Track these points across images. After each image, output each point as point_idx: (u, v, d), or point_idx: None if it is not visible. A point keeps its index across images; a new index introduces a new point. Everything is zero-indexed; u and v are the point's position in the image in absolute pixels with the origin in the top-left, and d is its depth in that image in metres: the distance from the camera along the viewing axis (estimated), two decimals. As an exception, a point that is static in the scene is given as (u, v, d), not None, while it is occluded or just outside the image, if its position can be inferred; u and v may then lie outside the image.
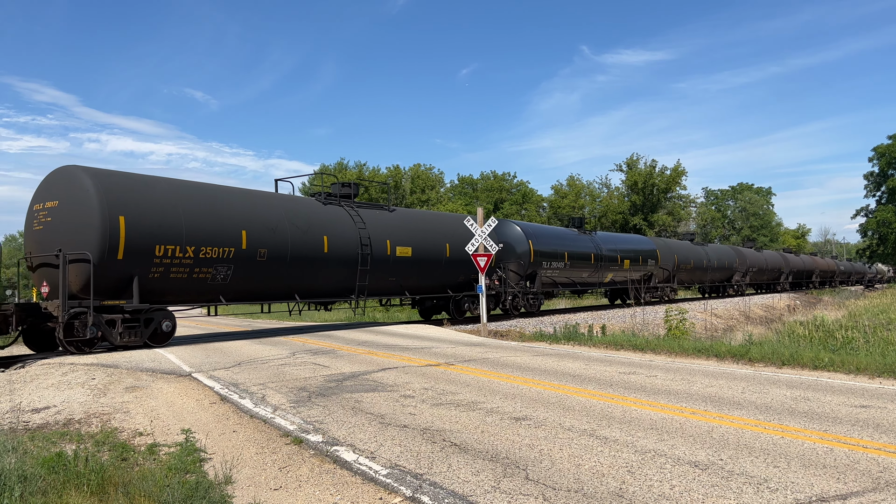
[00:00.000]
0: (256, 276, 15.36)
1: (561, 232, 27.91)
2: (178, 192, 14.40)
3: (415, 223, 20.50)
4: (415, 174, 59.36)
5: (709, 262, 38.98)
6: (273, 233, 15.50)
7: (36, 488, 4.84)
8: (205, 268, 14.30)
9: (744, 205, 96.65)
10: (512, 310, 23.38)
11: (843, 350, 12.99)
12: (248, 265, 15.07)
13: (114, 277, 12.86)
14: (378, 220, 18.69)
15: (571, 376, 9.50)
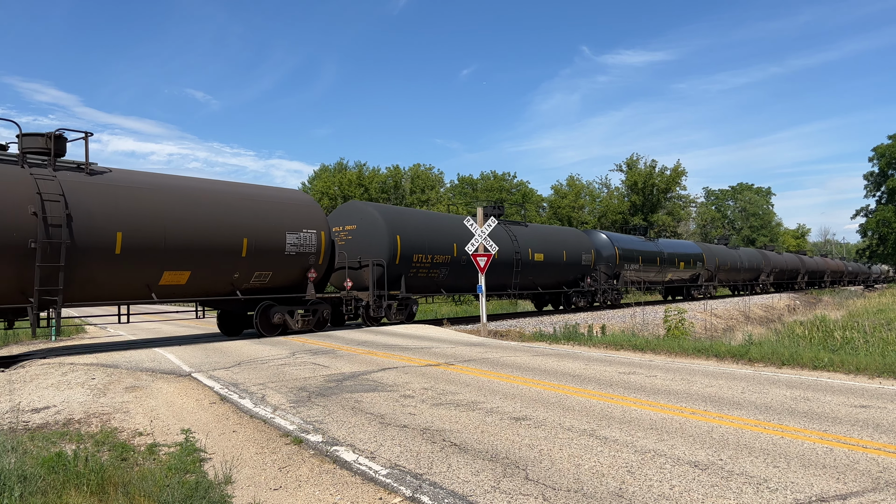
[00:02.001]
0: (460, 275, 21.61)
1: (633, 238, 33.29)
2: (421, 218, 21.72)
3: (542, 235, 26.21)
4: (414, 174, 59.36)
5: (741, 263, 44.53)
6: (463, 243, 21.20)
7: (36, 488, 4.84)
8: (434, 269, 20.68)
9: (744, 205, 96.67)
10: (602, 303, 28.85)
11: (843, 350, 12.99)
12: (457, 268, 21.29)
13: (393, 276, 19.14)
14: (521, 234, 24.57)
15: (571, 376, 9.50)
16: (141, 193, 13.58)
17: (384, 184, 55.87)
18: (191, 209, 14.24)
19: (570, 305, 27.60)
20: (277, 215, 15.94)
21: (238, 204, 15.29)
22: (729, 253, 43.76)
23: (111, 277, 13.07)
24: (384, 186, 55.69)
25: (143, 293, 13.79)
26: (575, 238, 27.74)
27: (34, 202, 11.79)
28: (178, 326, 22.91)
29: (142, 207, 13.40)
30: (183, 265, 14.00)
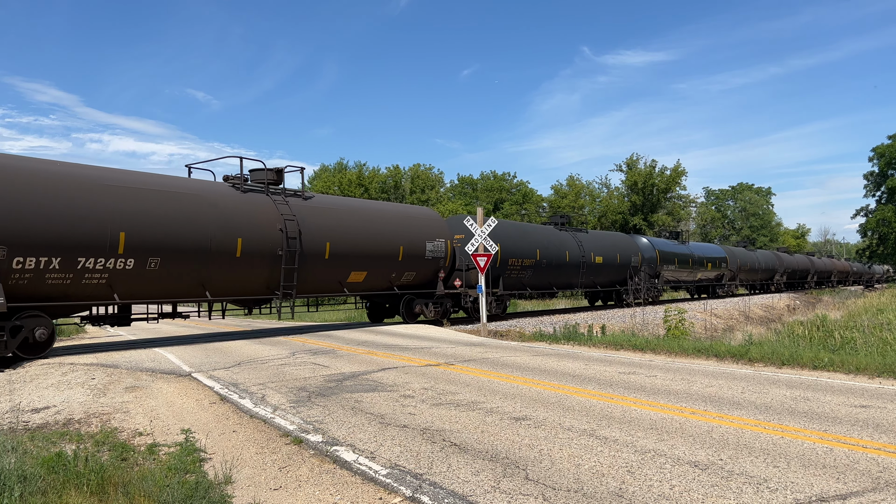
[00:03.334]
0: (542, 276, 24.89)
1: (669, 242, 36.79)
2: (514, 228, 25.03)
3: (600, 239, 29.76)
4: (414, 174, 59.38)
5: (759, 264, 48.10)
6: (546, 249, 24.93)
7: (36, 488, 4.84)
8: (522, 271, 23.70)
9: (744, 205, 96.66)
10: (644, 300, 31.62)
11: (843, 350, 12.99)
12: (539, 269, 24.51)
13: (493, 277, 21.91)
14: (585, 239, 28.18)
15: (571, 376, 9.50)
16: (337, 213, 17.69)
17: (384, 184, 55.87)
18: (368, 225, 18.32)
19: (620, 301, 31.27)
20: (419, 228, 19.95)
21: (396, 220, 19.42)
22: (749, 255, 47.36)
23: (321, 276, 16.94)
24: (384, 186, 55.69)
25: (337, 288, 17.82)
26: (625, 242, 31.58)
27: (279, 221, 15.61)
28: (179, 326, 22.91)
29: (339, 224, 17.37)
30: (363, 267, 18.04)
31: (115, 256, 12.67)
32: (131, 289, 13.28)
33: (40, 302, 12.14)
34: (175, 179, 14.72)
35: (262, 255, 15.15)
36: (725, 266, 41.61)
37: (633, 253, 31.07)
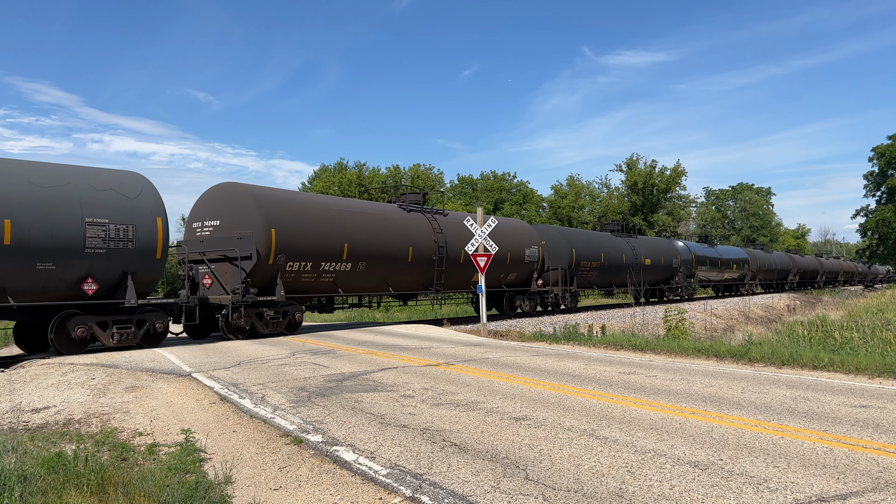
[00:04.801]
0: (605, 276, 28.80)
1: (700, 245, 41.57)
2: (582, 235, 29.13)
3: (647, 244, 33.91)
4: (414, 174, 59.39)
5: (775, 265, 52.47)
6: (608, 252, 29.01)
7: (36, 488, 4.84)
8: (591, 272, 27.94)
9: (744, 205, 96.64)
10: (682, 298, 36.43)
11: (843, 350, 12.99)
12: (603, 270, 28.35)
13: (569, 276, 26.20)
14: (636, 244, 32.40)
15: (571, 376, 9.50)
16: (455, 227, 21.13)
17: (384, 184, 55.85)
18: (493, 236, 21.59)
19: (662, 298, 35.53)
20: (520, 237, 24.08)
21: (504, 231, 22.54)
22: (767, 256, 51.88)
23: (456, 276, 21.17)
24: (384, 186, 55.68)
25: (465, 285, 22.25)
26: (666, 245, 36.09)
27: (432, 234, 20.18)
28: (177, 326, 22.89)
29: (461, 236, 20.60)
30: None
31: (341, 261, 17.10)
32: (347, 285, 17.82)
33: (296, 294, 16.64)
34: (371, 204, 20.10)
35: (423, 259, 19.73)
36: (747, 267, 45.92)
37: (673, 255, 35.53)
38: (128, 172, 13.94)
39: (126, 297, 12.78)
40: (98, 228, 12.32)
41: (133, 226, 12.81)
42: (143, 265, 13.04)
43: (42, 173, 12.25)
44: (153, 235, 13.15)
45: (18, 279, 11.57)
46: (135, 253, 12.85)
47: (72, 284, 12.24)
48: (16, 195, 11.51)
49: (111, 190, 12.80)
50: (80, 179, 12.61)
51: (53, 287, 12.07)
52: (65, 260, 11.98)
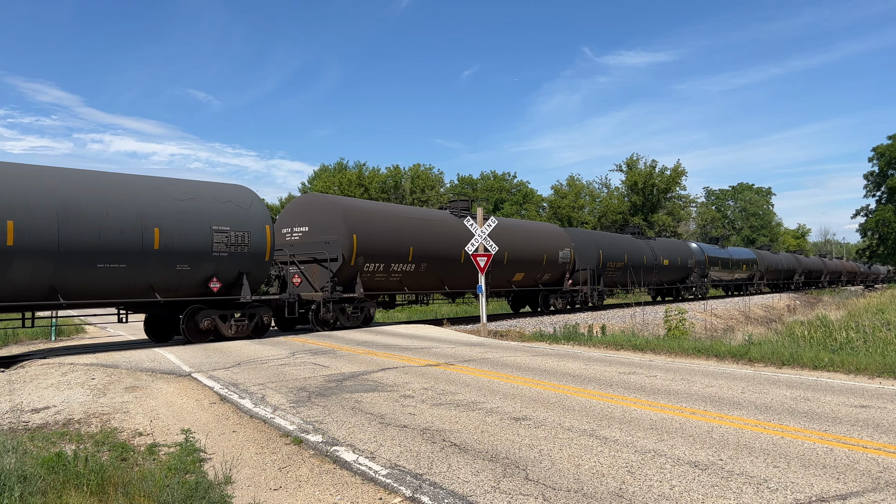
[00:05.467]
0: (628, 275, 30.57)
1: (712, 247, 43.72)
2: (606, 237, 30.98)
3: (665, 245, 36.36)
4: (414, 174, 59.33)
5: (782, 265, 54.81)
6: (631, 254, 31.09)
7: (36, 488, 4.83)
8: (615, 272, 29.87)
9: (744, 205, 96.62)
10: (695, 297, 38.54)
11: (843, 350, 12.98)
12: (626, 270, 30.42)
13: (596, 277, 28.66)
14: (654, 245, 34.62)
15: (571, 376, 9.50)
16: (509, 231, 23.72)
17: (384, 184, 55.85)
18: (526, 239, 24.77)
19: (678, 297, 37.67)
20: (553, 240, 26.32)
21: (540, 235, 25.77)
22: (774, 257, 54.37)
23: (500, 276, 23.29)
24: (384, 186, 55.68)
25: (507, 284, 24.31)
26: (682, 246, 38.65)
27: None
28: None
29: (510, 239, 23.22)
30: (523, 270, 24.33)
31: (407, 263, 19.07)
32: (411, 283, 19.88)
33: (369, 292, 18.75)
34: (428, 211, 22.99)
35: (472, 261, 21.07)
36: (756, 267, 48.19)
37: (688, 256, 37.71)
38: (240, 186, 16.05)
39: (241, 293, 14.86)
40: (222, 235, 14.40)
41: (248, 232, 14.89)
42: (255, 266, 15.11)
43: (176, 188, 14.34)
44: (263, 240, 15.26)
45: (163, 278, 13.55)
46: (249, 255, 14.91)
47: (200, 283, 14.29)
48: (161, 207, 13.51)
49: (230, 202, 14.92)
50: (205, 193, 14.74)
51: (186, 285, 14.08)
52: (197, 262, 14.00)
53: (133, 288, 13.20)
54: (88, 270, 12.37)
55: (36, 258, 11.70)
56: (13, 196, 11.56)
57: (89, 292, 12.69)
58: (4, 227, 11.31)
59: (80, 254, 12.19)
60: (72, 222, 12.12)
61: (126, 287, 13.06)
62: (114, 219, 12.69)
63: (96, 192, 12.79)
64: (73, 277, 12.26)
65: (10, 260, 11.42)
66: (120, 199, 13.00)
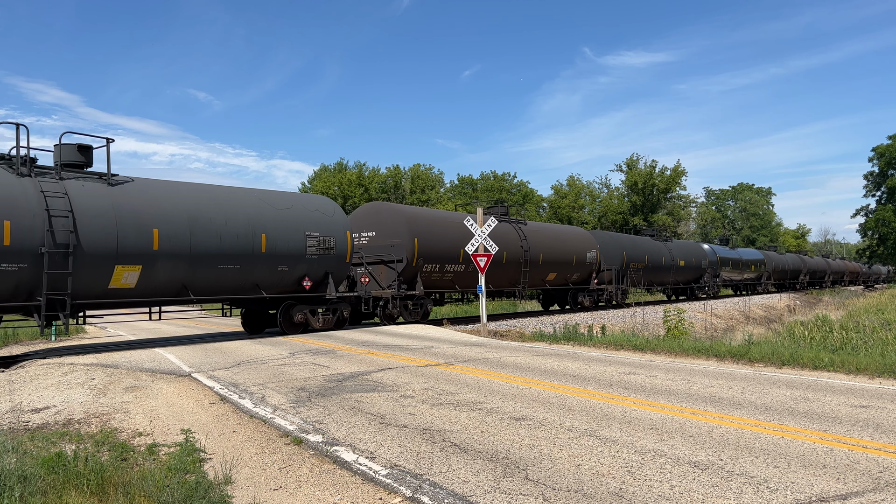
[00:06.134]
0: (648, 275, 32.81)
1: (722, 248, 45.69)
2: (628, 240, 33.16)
3: (681, 246, 38.84)
4: (414, 174, 59.36)
5: (788, 265, 56.76)
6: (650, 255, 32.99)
7: (36, 488, 4.84)
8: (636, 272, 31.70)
9: (744, 205, 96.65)
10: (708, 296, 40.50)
11: (843, 350, 12.99)
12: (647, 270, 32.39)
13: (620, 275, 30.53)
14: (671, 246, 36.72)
15: (571, 376, 9.50)
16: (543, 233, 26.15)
17: (384, 184, 55.89)
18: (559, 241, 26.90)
19: (693, 295, 40.11)
20: (582, 242, 28.35)
21: (569, 237, 27.99)
22: (780, 258, 56.19)
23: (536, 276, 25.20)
24: (384, 186, 55.71)
25: (541, 283, 26.31)
26: (696, 248, 41.06)
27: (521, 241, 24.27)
28: (178, 326, 22.91)
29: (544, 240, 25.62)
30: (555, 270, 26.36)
31: (458, 263, 21.06)
32: (461, 283, 21.99)
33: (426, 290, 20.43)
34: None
35: (513, 262, 23.49)
36: (763, 267, 50.36)
37: (702, 257, 39.78)
38: (324, 197, 18.65)
39: (327, 291, 16.97)
40: (313, 240, 16.44)
41: (333, 237, 16.95)
42: (338, 267, 17.21)
43: (276, 199, 16.55)
44: (344, 244, 17.34)
45: (267, 278, 15.55)
46: (334, 257, 16.95)
47: (295, 281, 16.30)
48: (266, 216, 15.58)
49: (317, 211, 17.07)
50: (298, 203, 16.95)
51: (284, 283, 16.08)
52: (294, 263, 16.01)
53: (243, 286, 15.26)
54: (212, 271, 14.45)
55: (173, 260, 13.68)
56: (158, 208, 13.59)
57: (212, 289, 14.76)
58: (152, 234, 13.32)
59: (205, 257, 14.26)
60: (200, 230, 14.17)
61: (238, 285, 15.14)
62: (231, 227, 14.76)
63: (216, 204, 14.88)
64: (200, 277, 14.30)
65: (155, 261, 13.39)
66: (235, 210, 15.09)
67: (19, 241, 11.57)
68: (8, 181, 11.82)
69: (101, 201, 12.80)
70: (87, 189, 12.74)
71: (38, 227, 11.78)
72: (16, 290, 11.79)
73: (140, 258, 13.10)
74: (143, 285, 13.34)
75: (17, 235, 11.55)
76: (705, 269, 39.78)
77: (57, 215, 11.98)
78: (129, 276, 13.07)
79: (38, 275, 11.81)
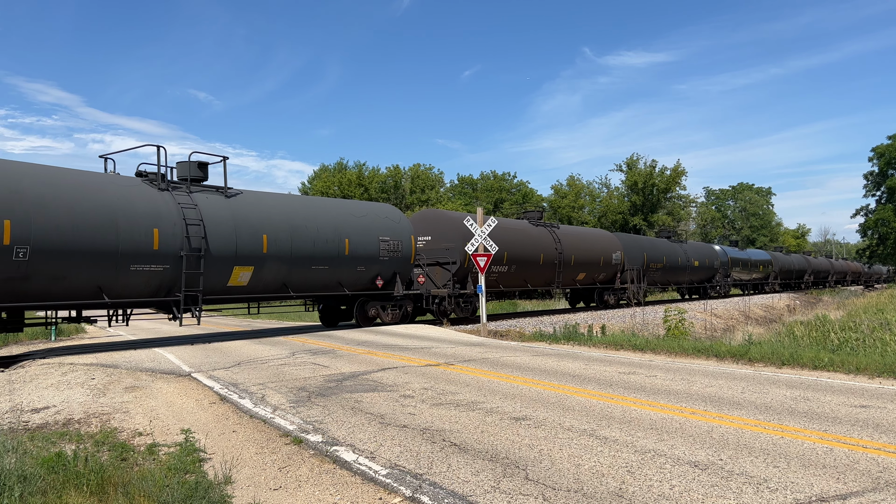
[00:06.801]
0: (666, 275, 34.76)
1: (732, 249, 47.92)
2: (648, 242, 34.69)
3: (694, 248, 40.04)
4: (414, 174, 59.32)
5: (794, 266, 58.53)
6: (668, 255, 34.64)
7: (36, 488, 4.83)
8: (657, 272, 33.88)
9: (744, 205, 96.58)
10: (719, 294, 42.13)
11: (843, 350, 12.99)
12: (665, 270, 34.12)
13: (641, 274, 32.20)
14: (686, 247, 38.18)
15: (571, 376, 9.50)
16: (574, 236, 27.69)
17: (384, 184, 55.87)
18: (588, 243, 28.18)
19: (705, 294, 41.42)
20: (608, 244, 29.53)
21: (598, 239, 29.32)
22: (786, 258, 57.81)
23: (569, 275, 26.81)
24: (384, 186, 55.69)
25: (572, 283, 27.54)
26: (708, 249, 42.49)
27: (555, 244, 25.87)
28: (177, 326, 22.87)
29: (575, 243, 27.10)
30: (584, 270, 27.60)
31: (502, 265, 22.54)
32: (505, 282, 23.59)
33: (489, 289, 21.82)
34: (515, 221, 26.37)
35: (548, 263, 25.09)
36: (771, 268, 52.15)
37: (714, 258, 41.34)
38: (390, 206, 20.96)
39: (395, 289, 18.95)
40: (385, 243, 18.46)
41: (400, 241, 18.91)
42: (404, 268, 19.17)
43: (355, 207, 19.02)
44: (409, 247, 19.35)
45: (348, 277, 17.69)
46: (400, 259, 18.89)
47: (369, 281, 18.37)
48: (348, 223, 17.68)
49: (387, 218, 19.17)
50: (372, 211, 19.11)
51: (361, 282, 18.18)
52: (370, 264, 18.09)
53: (329, 284, 17.35)
54: (306, 271, 16.53)
55: (278, 262, 15.69)
56: (266, 217, 15.66)
57: (306, 287, 16.86)
58: (262, 240, 15.30)
59: (302, 259, 16.30)
60: (298, 236, 16.21)
61: (326, 283, 17.27)
62: (322, 233, 16.86)
63: (310, 213, 17.03)
64: (297, 276, 16.37)
65: (264, 263, 15.40)
66: (324, 218, 17.23)
67: (164, 246, 13.45)
68: (154, 196, 13.76)
69: (223, 211, 14.84)
70: (211, 201, 14.81)
71: (178, 234, 13.67)
72: (159, 287, 13.77)
73: (253, 260, 15.16)
74: (253, 283, 15.49)
75: (163, 241, 13.43)
76: (717, 269, 41.42)
77: (191, 224, 13.91)
78: (244, 275, 15.22)
79: (176, 274, 13.75)
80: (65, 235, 11.94)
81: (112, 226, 12.66)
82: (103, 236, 12.48)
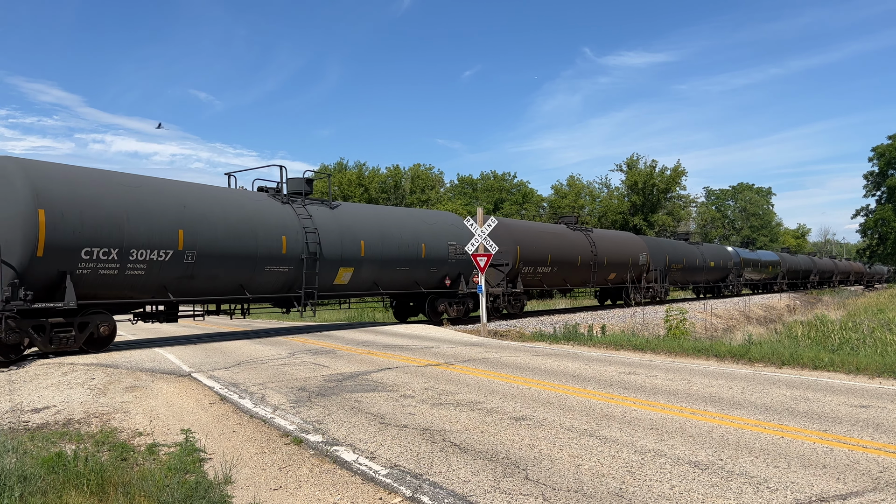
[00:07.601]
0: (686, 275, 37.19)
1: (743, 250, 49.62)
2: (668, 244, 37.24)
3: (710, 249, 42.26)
4: (414, 174, 59.30)
5: (800, 266, 60.98)
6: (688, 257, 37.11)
7: (36, 488, 4.83)
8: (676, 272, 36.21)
9: (744, 205, 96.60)
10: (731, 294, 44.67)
11: (843, 350, 12.99)
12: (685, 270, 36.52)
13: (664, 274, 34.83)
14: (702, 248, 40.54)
15: (571, 376, 9.50)
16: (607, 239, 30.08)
17: (384, 184, 55.84)
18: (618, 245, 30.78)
19: (719, 293, 43.90)
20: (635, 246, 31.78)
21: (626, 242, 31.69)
22: (793, 259, 60.47)
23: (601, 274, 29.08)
24: (384, 186, 55.68)
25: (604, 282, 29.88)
26: (723, 251, 44.69)
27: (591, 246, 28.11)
28: (179, 326, 22.89)
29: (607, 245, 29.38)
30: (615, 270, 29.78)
31: (546, 266, 24.83)
32: (548, 282, 25.87)
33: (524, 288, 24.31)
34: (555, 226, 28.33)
35: (585, 264, 27.27)
36: (779, 268, 54.45)
37: (727, 259, 43.56)
38: (454, 215, 23.28)
39: (459, 288, 21.03)
40: (453, 248, 20.71)
41: (462, 245, 20.50)
42: (467, 269, 21.08)
43: (427, 216, 21.48)
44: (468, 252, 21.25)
45: (423, 277, 19.98)
46: (463, 262, 20.82)
47: (439, 280, 20.60)
48: (423, 230, 20.09)
49: (452, 225, 21.43)
50: (441, 219, 21.57)
51: (432, 281, 20.44)
52: (440, 266, 20.35)
53: (407, 283, 19.63)
54: (392, 271, 18.85)
55: (371, 264, 18.07)
56: (362, 225, 18.10)
57: (391, 285, 19.23)
58: (360, 245, 17.75)
59: (389, 261, 18.65)
60: (387, 241, 18.61)
61: (405, 282, 19.57)
62: (404, 238, 19.21)
63: (395, 221, 19.55)
64: (385, 276, 18.74)
65: (362, 265, 17.83)
66: (405, 226, 19.62)
67: (290, 251, 15.89)
68: (279, 208, 16.26)
69: (330, 221, 17.28)
70: (320, 211, 17.30)
71: (300, 241, 16.13)
72: (283, 285, 16.23)
73: (353, 262, 17.59)
74: (352, 282, 17.86)
75: (290, 246, 15.86)
76: (730, 270, 43.81)
77: (309, 231, 16.37)
78: (346, 275, 17.55)
79: (297, 274, 16.26)
80: (220, 242, 14.35)
81: (252, 234, 15.09)
82: (246, 243, 14.92)
